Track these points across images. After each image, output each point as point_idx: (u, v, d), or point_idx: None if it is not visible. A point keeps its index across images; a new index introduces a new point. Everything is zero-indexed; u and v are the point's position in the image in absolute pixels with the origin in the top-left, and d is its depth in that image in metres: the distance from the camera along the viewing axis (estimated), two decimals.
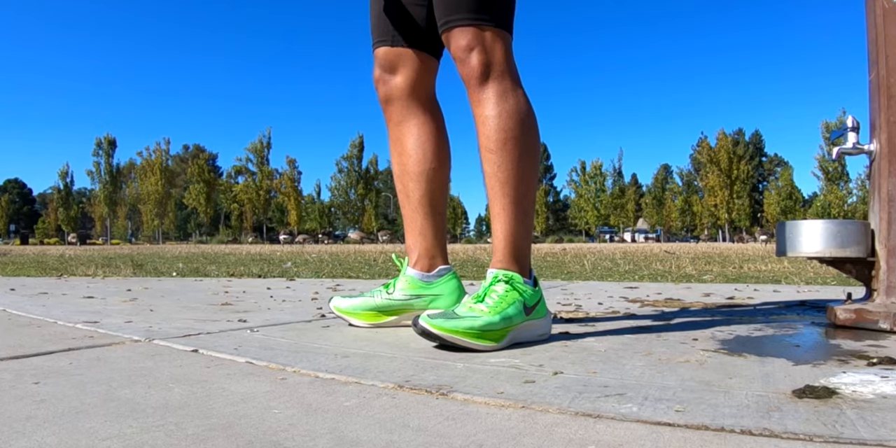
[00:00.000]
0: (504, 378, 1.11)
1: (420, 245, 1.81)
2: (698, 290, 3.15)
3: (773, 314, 2.12)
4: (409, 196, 1.82)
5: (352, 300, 1.79)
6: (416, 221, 1.82)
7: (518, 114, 1.55)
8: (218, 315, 2.05)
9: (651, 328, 1.75)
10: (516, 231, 1.54)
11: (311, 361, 1.26)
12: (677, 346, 1.46)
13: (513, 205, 1.54)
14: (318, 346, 1.45)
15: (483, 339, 1.38)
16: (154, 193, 60.03)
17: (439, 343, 1.38)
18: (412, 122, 1.81)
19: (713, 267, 5.73)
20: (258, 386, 1.06)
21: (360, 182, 62.13)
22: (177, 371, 1.19)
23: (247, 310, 2.21)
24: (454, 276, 1.81)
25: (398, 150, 1.84)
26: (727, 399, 0.97)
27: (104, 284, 3.66)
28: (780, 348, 1.46)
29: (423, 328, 1.36)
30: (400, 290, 1.77)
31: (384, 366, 1.21)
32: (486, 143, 1.55)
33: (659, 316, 2.06)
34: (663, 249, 12.73)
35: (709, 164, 58.14)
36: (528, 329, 1.50)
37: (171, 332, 1.67)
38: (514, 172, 1.53)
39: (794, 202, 58.66)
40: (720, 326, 1.79)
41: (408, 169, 1.82)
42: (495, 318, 1.41)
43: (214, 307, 2.31)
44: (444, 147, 1.84)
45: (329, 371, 1.16)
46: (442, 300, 1.77)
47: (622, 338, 1.57)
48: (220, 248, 16.78)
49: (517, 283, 1.50)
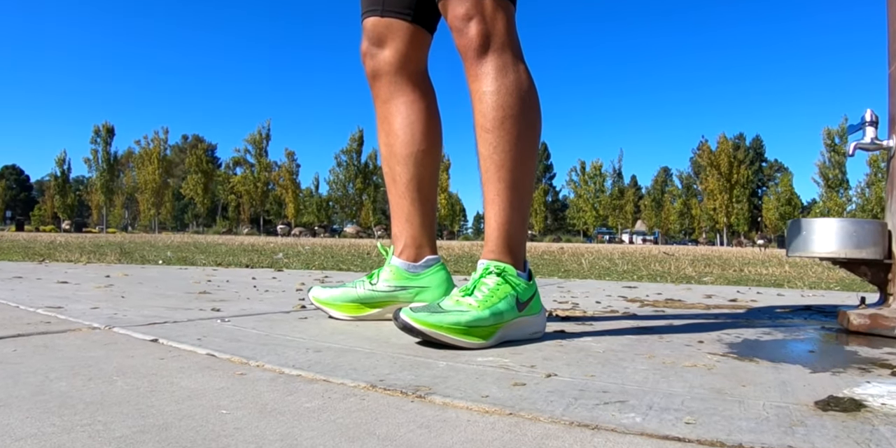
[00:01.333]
0: (490, 379, 0.99)
1: (406, 233, 1.68)
2: (699, 292, 3.05)
3: (779, 318, 2.02)
4: (396, 180, 1.69)
5: (332, 290, 1.66)
6: (403, 208, 1.69)
7: (518, 90, 1.42)
8: (192, 304, 1.93)
9: (653, 329, 1.64)
10: (511, 218, 1.42)
11: (279, 355, 1.13)
12: (682, 348, 1.35)
13: (508, 190, 1.41)
14: (291, 338, 1.32)
15: (470, 336, 1.26)
16: (151, 183, 59.78)
17: (422, 339, 1.26)
18: (400, 100, 1.68)
19: (713, 269, 5.63)
20: (212, 381, 0.94)
21: (358, 176, 61.93)
22: (126, 362, 1.07)
23: (224, 299, 2.09)
24: (442, 267, 1.69)
25: (385, 130, 1.70)
26: (743, 410, 0.85)
27: (84, 270, 3.53)
28: (793, 354, 1.35)
29: (405, 322, 1.24)
30: (384, 280, 1.65)
31: (358, 362, 1.09)
32: (482, 122, 1.42)
33: (660, 316, 1.96)
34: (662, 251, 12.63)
35: (709, 167, 58.03)
36: (520, 326, 1.38)
37: (136, 319, 1.55)
38: (511, 154, 1.40)
39: (792, 208, 58.62)
40: (726, 329, 1.68)
41: (395, 151, 1.68)
42: (484, 314, 1.29)
43: (191, 295, 2.19)
44: (434, 128, 1.70)
45: (296, 367, 1.04)
46: (429, 292, 1.65)
47: (622, 338, 1.46)
48: (213, 239, 16.62)
49: (510, 276, 1.38)
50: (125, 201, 66.84)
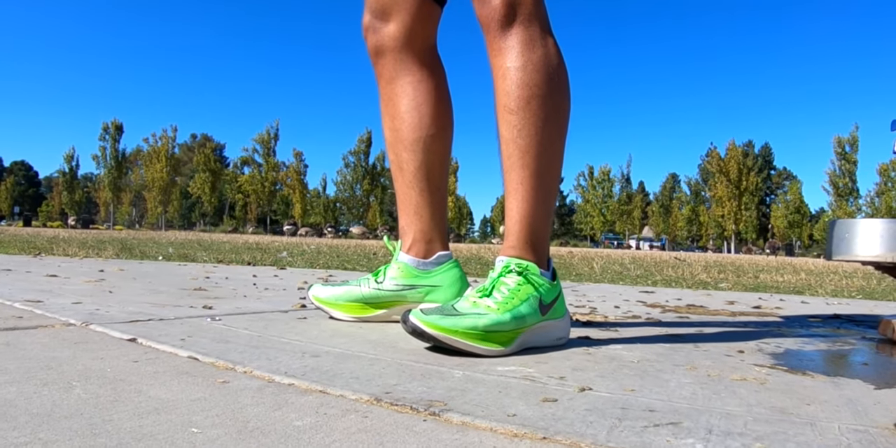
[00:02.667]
0: (516, 394, 0.84)
1: (415, 226, 1.53)
2: (720, 298, 2.91)
3: (811, 326, 1.88)
4: (403, 168, 1.54)
5: (334, 289, 1.52)
6: (411, 198, 1.54)
7: (547, 67, 1.27)
8: (183, 300, 1.79)
9: (684, 337, 1.50)
10: (535, 211, 1.26)
11: (271, 360, 0.99)
12: (723, 359, 1.20)
13: (533, 178, 1.26)
14: (286, 340, 1.18)
15: (488, 342, 1.11)
16: (159, 181, 59.63)
17: (433, 344, 1.11)
18: (407, 80, 1.52)
19: (727, 275, 5.47)
20: (188, 390, 0.80)
21: (366, 178, 61.74)
22: (93, 365, 0.92)
23: (219, 296, 1.95)
24: (455, 265, 1.54)
25: (390, 112, 1.55)
26: (817, 435, 0.71)
27: (78, 264, 3.40)
28: (846, 367, 1.22)
29: (415, 326, 1.09)
30: (391, 278, 1.50)
31: (361, 370, 0.95)
32: (505, 102, 1.26)
33: (687, 323, 1.81)
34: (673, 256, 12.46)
35: (718, 174, 57.69)
36: (543, 331, 1.23)
37: (118, 316, 1.41)
38: (537, 138, 1.25)
39: (801, 216, 58.26)
40: (763, 338, 1.54)
41: (401, 136, 1.53)
42: (504, 317, 1.14)
43: (185, 292, 2.05)
44: (444, 110, 1.55)
45: (289, 374, 0.90)
46: (440, 292, 1.50)
47: (654, 347, 1.31)
48: (218, 237, 16.48)
49: (533, 275, 1.23)
50: (133, 199, 66.83)
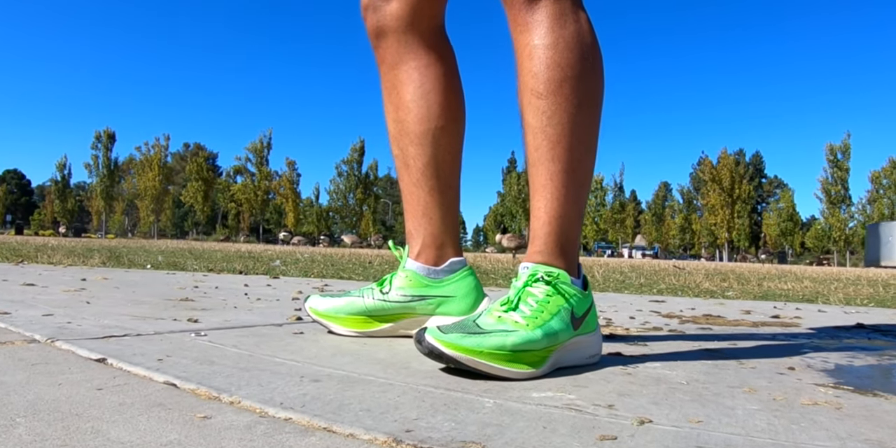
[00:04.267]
0: (565, 430, 0.69)
1: (425, 230, 1.36)
2: (734, 307, 2.77)
3: (843, 338, 1.76)
4: (409, 165, 1.37)
5: (334, 300, 1.35)
6: (419, 199, 1.37)
7: (581, 45, 1.11)
8: (167, 312, 1.62)
9: (721, 352, 1.35)
10: (566, 211, 1.11)
11: (263, 386, 0.83)
12: (777, 378, 1.06)
13: (564, 173, 1.10)
14: (281, 361, 1.02)
15: (517, 364, 0.96)
16: (151, 189, 59.29)
17: (454, 366, 0.95)
18: (412, 65, 1.35)
19: (731, 283, 5.34)
20: (159, 430, 0.64)
21: (359, 187, 61.52)
22: (48, 393, 0.76)
23: (207, 307, 1.79)
24: (470, 273, 1.37)
25: (394, 102, 1.38)
26: None
27: (60, 273, 3.22)
28: None
29: (432, 347, 0.93)
30: (398, 288, 1.33)
31: (372, 399, 0.79)
32: (532, 84, 1.10)
33: (714, 336, 1.67)
34: (672, 264, 12.35)
35: (710, 182, 57.72)
36: (576, 348, 1.08)
37: (90, 330, 1.25)
38: (569, 127, 1.09)
39: (794, 224, 58.33)
40: (805, 352, 1.40)
41: (407, 128, 1.36)
42: (535, 334, 0.99)
43: (170, 302, 1.88)
44: (455, 98, 1.38)
45: (285, 405, 0.74)
46: (453, 304, 1.33)
47: (696, 364, 1.16)
48: (210, 245, 16.24)
49: (563, 285, 1.08)
50: (125, 208, 66.41)
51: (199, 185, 62.07)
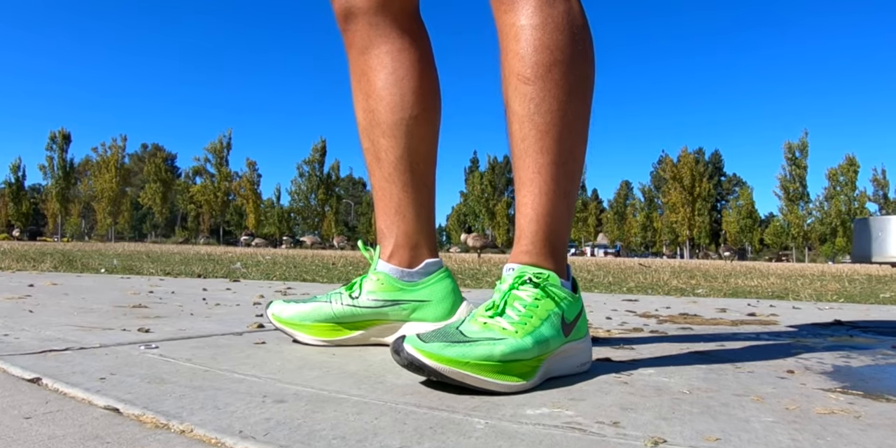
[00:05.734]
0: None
1: (398, 229, 1.26)
2: (708, 305, 2.73)
3: (826, 335, 1.72)
4: (381, 158, 1.26)
5: (299, 306, 1.24)
6: (392, 195, 1.26)
7: (571, 26, 1.01)
8: (117, 321, 1.50)
9: (712, 355, 1.29)
10: (556, 207, 1.02)
11: (220, 410, 0.72)
12: (781, 383, 0.99)
13: (554, 166, 1.00)
14: (241, 376, 0.90)
15: (506, 376, 0.86)
16: (108, 191, 58.09)
17: (436, 379, 0.85)
18: (384, 49, 1.25)
19: (699, 281, 5.33)
20: None
21: (320, 187, 61.07)
22: None
23: (161, 315, 1.66)
24: (447, 275, 1.27)
25: (364, 89, 1.27)
26: None
27: (7, 278, 3.05)
28: None
29: (412, 357, 0.83)
30: (369, 292, 1.23)
31: (346, 423, 0.68)
32: (519, 68, 1.00)
33: (699, 336, 1.61)
34: (638, 262, 12.40)
35: (671, 180, 58.44)
36: (567, 356, 0.98)
37: (28, 344, 1.12)
38: (559, 115, 1.00)
39: (753, 221, 59.34)
40: (798, 353, 1.34)
41: (378, 118, 1.25)
42: (526, 342, 0.89)
43: (121, 310, 1.75)
44: (430, 86, 1.28)
45: (245, 434, 0.63)
46: (429, 308, 1.23)
47: (690, 370, 1.09)
48: (168, 248, 15.88)
49: (553, 288, 0.98)
50: (82, 210, 65.04)
51: (158, 187, 61.11)
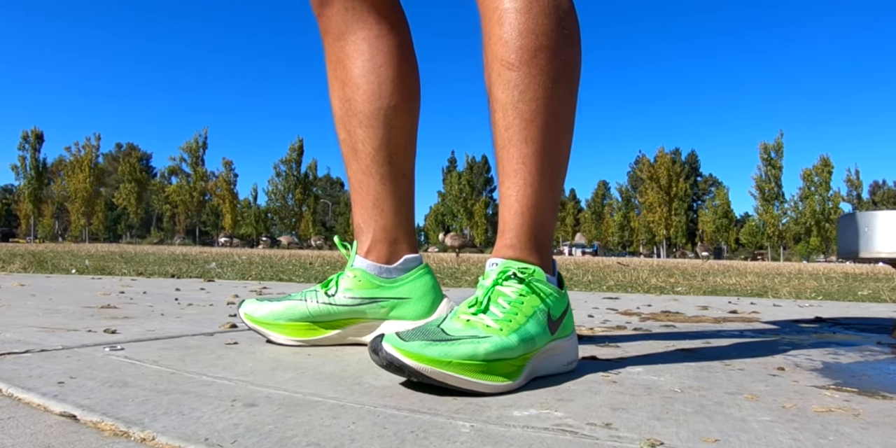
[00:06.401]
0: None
1: (375, 223, 1.21)
2: (689, 303, 2.72)
3: (810, 332, 1.71)
4: (358, 149, 1.21)
5: (272, 305, 1.19)
6: (370, 188, 1.21)
7: (557, 11, 0.97)
8: (83, 322, 1.44)
9: (698, 352, 1.26)
10: (542, 199, 0.97)
11: (185, 416, 0.67)
12: (773, 381, 0.97)
13: (539, 156, 0.96)
14: (210, 379, 0.85)
15: (491, 376, 0.82)
16: (82, 191, 57.35)
17: (417, 380, 0.81)
18: (361, 35, 1.20)
19: (678, 279, 5.34)
20: None
21: (298, 187, 60.77)
22: None
23: (130, 316, 1.60)
24: (427, 271, 1.23)
25: (340, 77, 1.21)
26: None
27: None
28: None
29: (391, 357, 0.79)
30: (345, 290, 1.18)
31: (322, 429, 0.64)
32: (502, 53, 0.96)
33: (683, 334, 1.59)
34: (616, 261, 12.45)
35: (648, 180, 58.84)
36: (553, 355, 0.94)
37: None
38: (544, 103, 0.95)
39: (729, 221, 59.94)
40: (786, 350, 1.33)
41: (355, 107, 1.20)
42: (511, 340, 0.85)
43: (89, 310, 1.69)
44: (410, 74, 1.23)
45: (210, 441, 0.58)
46: (409, 306, 1.19)
47: (679, 367, 1.06)
48: (143, 248, 15.68)
49: (538, 283, 0.94)
50: (55, 211, 64.13)
51: (133, 187, 60.46)
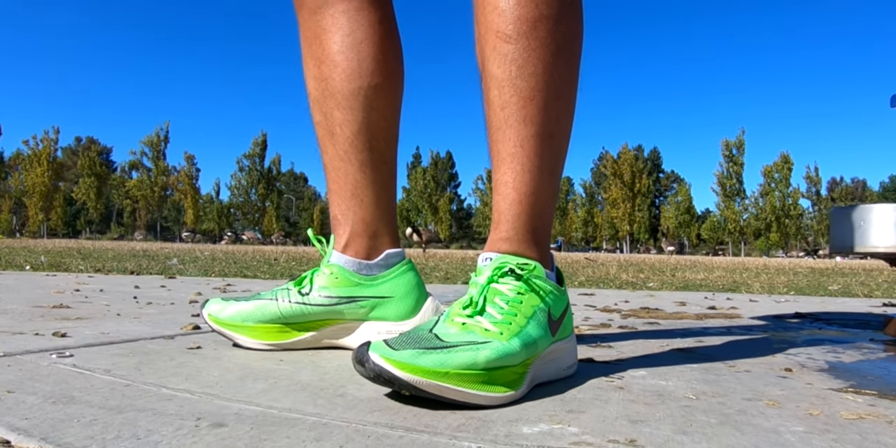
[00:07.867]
0: None
1: (354, 214, 1.10)
2: (666, 299, 2.69)
3: (798, 329, 1.68)
4: (335, 133, 1.10)
5: (240, 305, 1.08)
6: (348, 176, 1.10)
7: None
8: (30, 324, 1.31)
9: (695, 352, 1.19)
10: (541, 186, 0.88)
11: (141, 440, 0.56)
12: (786, 384, 0.90)
13: (539, 138, 0.87)
14: (170, 393, 0.74)
15: (492, 386, 0.72)
16: (40, 186, 56.04)
17: (410, 393, 0.71)
18: (339, 8, 1.08)
19: (648, 275, 5.33)
20: None
21: (261, 182, 60.20)
22: None
23: (83, 316, 1.48)
24: (410, 267, 1.12)
25: (316, 55, 1.10)
26: None
27: None
28: None
29: (380, 369, 0.69)
30: (321, 288, 1.07)
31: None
32: (498, 24, 0.86)
33: (671, 332, 1.53)
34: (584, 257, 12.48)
35: (612, 176, 59.37)
36: (554, 358, 0.86)
37: None
38: (545, 79, 0.86)
39: (691, 217, 60.82)
40: (784, 348, 1.29)
41: (332, 87, 1.09)
42: (513, 345, 0.76)
43: (39, 310, 1.57)
44: (393, 51, 1.12)
45: None
46: (390, 306, 1.08)
47: (683, 370, 0.99)
48: (102, 244, 15.30)
49: (537, 280, 0.85)
50: (13, 206, 62.63)
51: (92, 182, 59.27)
